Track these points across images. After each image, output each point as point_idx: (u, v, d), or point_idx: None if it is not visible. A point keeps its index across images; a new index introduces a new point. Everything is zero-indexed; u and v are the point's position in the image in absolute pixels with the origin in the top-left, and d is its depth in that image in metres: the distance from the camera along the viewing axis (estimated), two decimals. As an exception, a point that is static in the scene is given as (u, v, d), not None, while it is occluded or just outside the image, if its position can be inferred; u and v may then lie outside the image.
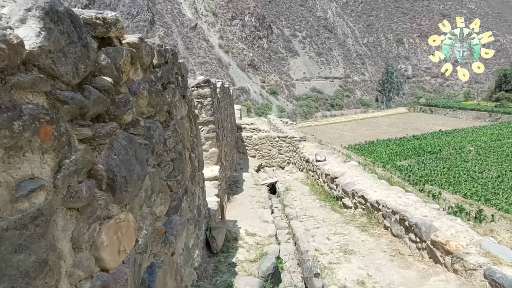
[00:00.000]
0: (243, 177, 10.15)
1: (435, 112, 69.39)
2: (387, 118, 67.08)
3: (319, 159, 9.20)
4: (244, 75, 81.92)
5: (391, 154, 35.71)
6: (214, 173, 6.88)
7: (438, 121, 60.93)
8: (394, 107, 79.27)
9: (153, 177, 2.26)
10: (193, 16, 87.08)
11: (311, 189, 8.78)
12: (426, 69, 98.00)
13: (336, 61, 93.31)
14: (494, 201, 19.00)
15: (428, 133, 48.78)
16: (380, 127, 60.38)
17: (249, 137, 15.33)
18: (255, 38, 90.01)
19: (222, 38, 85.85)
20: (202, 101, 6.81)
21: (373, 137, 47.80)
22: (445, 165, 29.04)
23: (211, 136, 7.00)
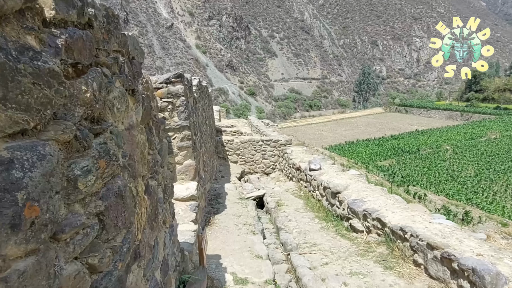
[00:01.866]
0: (225, 189, 8.68)
1: (409, 112, 70.45)
2: (365, 118, 67.35)
3: (313, 167, 7.88)
4: (222, 75, 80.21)
5: (371, 154, 35.48)
6: (190, 192, 5.40)
7: (413, 121, 61.71)
8: (371, 107, 79.97)
9: None
10: (169, 16, 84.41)
11: (306, 203, 7.44)
12: (400, 70, 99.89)
13: (314, 62, 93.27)
14: (475, 200, 18.75)
15: (405, 133, 49.10)
16: (358, 127, 60.41)
17: (230, 141, 13.85)
18: (233, 39, 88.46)
19: (199, 38, 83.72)
20: (173, 101, 5.32)
21: (352, 137, 47.59)
22: (424, 164, 28.89)
23: (185, 145, 5.52)
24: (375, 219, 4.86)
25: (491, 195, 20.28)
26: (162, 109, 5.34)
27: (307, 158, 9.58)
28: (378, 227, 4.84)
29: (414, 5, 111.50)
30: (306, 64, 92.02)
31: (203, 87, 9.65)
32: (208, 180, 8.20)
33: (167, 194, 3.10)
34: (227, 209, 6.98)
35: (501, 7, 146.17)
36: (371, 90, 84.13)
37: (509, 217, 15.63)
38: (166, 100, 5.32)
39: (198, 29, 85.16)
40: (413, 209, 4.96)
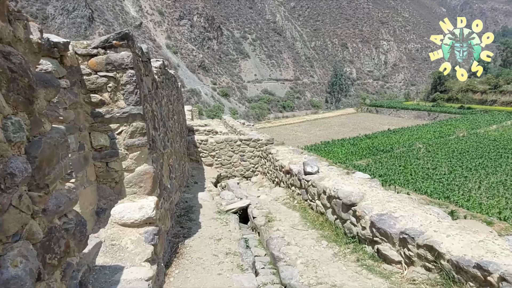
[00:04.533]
0: (199, 200, 6.81)
1: (380, 112, 71.39)
2: (338, 118, 67.39)
3: (309, 170, 6.21)
4: (195, 76, 77.57)
5: (347, 153, 34.96)
6: (146, 212, 3.53)
7: (384, 121, 62.43)
8: (343, 108, 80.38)
9: None
10: (137, 14, 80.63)
11: (304, 216, 5.74)
12: (369, 72, 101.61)
13: (286, 63, 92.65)
14: (452, 197, 18.29)
15: (378, 132, 49.23)
16: (332, 127, 60.17)
17: (204, 141, 11.94)
18: (205, 39, 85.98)
19: (169, 38, 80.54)
20: (116, 76, 3.44)
21: (327, 137, 47.16)
22: (400, 163, 28.49)
23: (138, 142, 3.65)
24: (423, 246, 3.24)
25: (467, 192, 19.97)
26: (98, 89, 3.44)
27: (297, 159, 7.91)
28: (428, 258, 3.22)
29: (381, 10, 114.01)
30: (278, 66, 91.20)
31: (169, 74, 7.73)
32: (176, 189, 6.31)
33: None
34: (202, 229, 5.13)
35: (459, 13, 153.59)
36: (342, 91, 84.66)
37: (488, 214, 15.10)
38: (104, 75, 3.42)
39: (168, 28, 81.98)
40: (472, 229, 3.39)
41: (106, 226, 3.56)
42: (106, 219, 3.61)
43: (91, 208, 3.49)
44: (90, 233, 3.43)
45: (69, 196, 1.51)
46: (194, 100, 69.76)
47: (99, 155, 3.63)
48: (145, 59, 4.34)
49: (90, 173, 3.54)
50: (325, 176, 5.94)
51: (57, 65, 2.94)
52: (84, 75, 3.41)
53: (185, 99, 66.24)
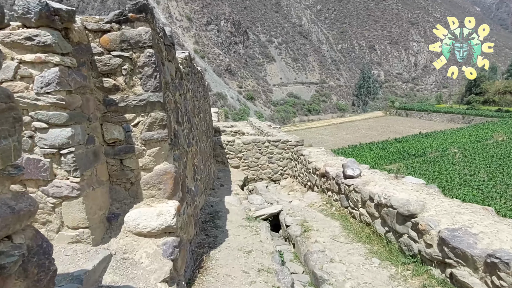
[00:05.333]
0: (225, 204, 6.17)
1: (410, 115, 68.36)
2: (365, 121, 65.07)
3: (351, 174, 5.39)
4: (221, 80, 77.95)
5: (376, 158, 33.26)
6: (165, 220, 2.91)
7: (414, 124, 59.57)
8: (370, 111, 77.72)
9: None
10: (166, 21, 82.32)
11: (345, 226, 4.94)
12: (398, 74, 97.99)
13: (312, 66, 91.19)
14: (493, 206, 16.59)
15: (408, 136, 46.89)
16: (360, 130, 58.09)
17: (231, 142, 11.35)
18: (231, 44, 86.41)
19: (197, 43, 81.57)
20: (132, 56, 2.86)
21: (354, 141, 45.51)
22: (434, 168, 26.61)
23: (157, 136, 3.04)
24: (526, 277, 2.38)
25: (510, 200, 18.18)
26: (111, 71, 2.87)
27: (332, 161, 7.09)
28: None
29: (411, 10, 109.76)
30: (304, 69, 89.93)
31: (195, 69, 7.18)
32: (202, 192, 5.70)
33: None
34: (230, 239, 4.46)
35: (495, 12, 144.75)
36: (370, 94, 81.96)
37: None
38: (118, 54, 2.84)
39: (196, 34, 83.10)
40: None
41: (119, 235, 2.96)
42: (118, 226, 3.02)
43: (101, 213, 2.91)
44: (100, 243, 2.84)
45: (15, 207, 0.87)
46: (220, 104, 70.04)
47: (112, 150, 3.05)
48: (168, 43, 3.76)
49: (101, 171, 2.96)
50: (370, 181, 5.10)
51: (59, 38, 2.38)
52: (95, 54, 2.84)
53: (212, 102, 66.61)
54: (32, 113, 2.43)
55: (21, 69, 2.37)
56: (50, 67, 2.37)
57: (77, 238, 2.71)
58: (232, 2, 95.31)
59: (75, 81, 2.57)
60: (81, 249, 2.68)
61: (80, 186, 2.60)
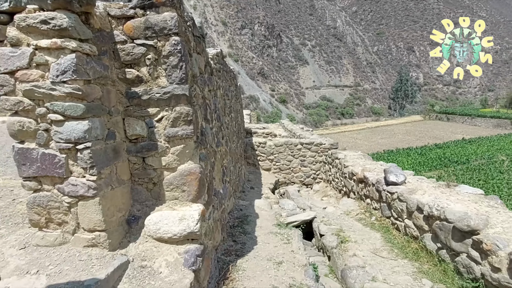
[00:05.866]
0: (255, 208, 5.82)
1: (451, 119, 64.36)
2: (402, 126, 62.11)
3: (394, 180, 4.82)
4: (254, 83, 78.20)
5: (414, 164, 31.43)
6: (188, 225, 2.61)
7: (456, 129, 55.93)
8: (408, 115, 74.12)
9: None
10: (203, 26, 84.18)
11: (387, 238, 4.39)
12: (438, 77, 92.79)
13: (346, 69, 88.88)
14: None
15: (450, 142, 44.03)
16: (396, 135, 55.49)
17: (262, 144, 11.02)
18: (265, 47, 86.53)
19: (231, 47, 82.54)
20: (156, 45, 2.60)
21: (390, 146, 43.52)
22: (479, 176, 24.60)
23: (182, 133, 2.76)
24: None
25: None
26: (135, 61, 2.64)
27: (371, 166, 6.51)
28: None
29: (453, 10, 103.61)
30: (338, 72, 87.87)
31: (227, 67, 6.93)
32: (231, 195, 5.40)
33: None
34: (259, 247, 4.10)
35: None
36: (408, 97, 78.21)
37: None
38: (142, 43, 2.60)
39: (230, 38, 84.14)
40: None
41: (138, 240, 2.70)
42: (139, 230, 2.77)
43: (120, 215, 2.67)
44: (117, 248, 2.59)
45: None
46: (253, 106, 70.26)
47: (134, 147, 2.80)
48: (198, 34, 3.49)
49: (121, 170, 2.72)
50: (417, 189, 4.51)
51: (76, 21, 2.16)
52: (118, 43, 2.61)
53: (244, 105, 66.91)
54: (48, 104, 2.22)
55: (37, 55, 2.17)
56: (66, 54, 2.15)
57: (93, 241, 2.48)
58: (266, 6, 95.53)
59: (94, 70, 2.34)
60: (97, 254, 2.44)
61: (96, 185, 2.36)
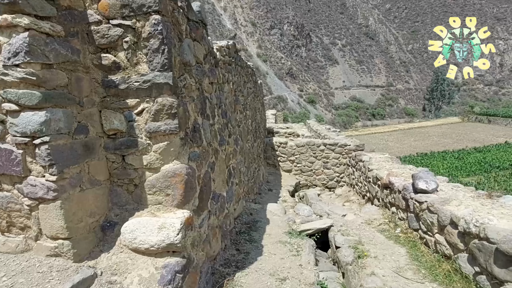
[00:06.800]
0: (267, 213, 5.36)
1: (493, 122, 59.90)
2: (438, 128, 58.62)
3: (424, 187, 4.18)
4: (282, 84, 77.44)
5: (451, 168, 29.30)
6: (167, 237, 2.21)
7: (498, 132, 51.87)
8: (444, 116, 69.99)
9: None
10: (232, 27, 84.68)
11: (413, 256, 3.77)
12: (479, 76, 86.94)
13: (378, 69, 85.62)
14: None
15: (491, 145, 40.87)
16: (431, 137, 52.47)
17: (283, 144, 10.52)
18: (294, 47, 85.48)
19: (260, 47, 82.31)
20: (135, 26, 2.24)
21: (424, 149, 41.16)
22: (524, 183, 22.43)
23: (165, 128, 2.38)
24: None
25: None
26: (111, 45, 2.29)
27: (398, 170, 5.82)
28: None
29: (496, 4, 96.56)
30: (369, 71, 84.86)
31: (242, 62, 6.52)
32: (240, 197, 4.98)
33: None
34: (263, 258, 3.64)
35: None
36: (444, 98, 73.88)
37: None
38: (118, 23, 2.25)
39: (259, 38, 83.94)
40: None
41: (112, 250, 2.35)
42: (114, 238, 2.42)
43: (92, 221, 2.33)
44: (85, 259, 2.25)
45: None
46: (281, 107, 69.60)
47: (112, 143, 2.46)
48: (195, 19, 3.09)
49: (96, 169, 2.39)
50: (451, 198, 3.85)
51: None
52: (92, 24, 2.28)
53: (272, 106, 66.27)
54: (1, 92, 1.93)
55: (-13, 35, 1.88)
56: (19, 33, 1.84)
57: (56, 250, 2.16)
58: (296, 6, 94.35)
59: (57, 53, 2.01)
60: (59, 265, 2.11)
61: (58, 186, 2.03)
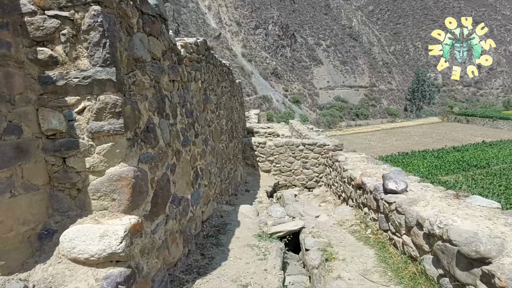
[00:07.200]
0: (238, 215, 5.22)
1: (471, 122, 61.78)
2: (419, 128, 59.98)
3: (393, 187, 4.14)
4: (267, 83, 77.51)
5: (430, 167, 30.02)
6: (108, 245, 2.04)
7: (476, 132, 53.54)
8: (425, 116, 71.69)
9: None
10: (217, 26, 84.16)
11: (381, 257, 3.72)
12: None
13: (362, 69, 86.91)
14: None
15: (469, 145, 42.10)
16: (412, 137, 53.61)
17: (262, 144, 10.41)
18: (278, 47, 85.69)
19: (245, 47, 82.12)
20: (74, 18, 2.05)
21: (406, 148, 41.99)
22: (500, 181, 23.15)
23: (109, 128, 2.21)
24: None
25: None
26: (47, 38, 2.10)
27: (372, 170, 5.81)
28: None
29: (475, 8, 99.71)
30: (353, 72, 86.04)
31: (216, 61, 6.36)
32: (210, 200, 4.83)
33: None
34: (228, 263, 3.51)
35: None
36: (425, 99, 75.69)
37: None
38: (55, 14, 2.07)
39: (244, 38, 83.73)
40: None
41: (49, 260, 2.17)
42: (52, 248, 2.23)
43: (25, 229, 2.13)
44: (17, 271, 2.06)
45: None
46: (265, 107, 69.64)
47: (52, 145, 2.27)
48: (151, 13, 2.92)
49: (33, 172, 2.19)
50: (419, 199, 3.82)
51: None
52: (25, 15, 2.09)
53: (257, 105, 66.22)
54: None
55: None
56: None
57: (-19, 263, 1.96)
58: (280, 6, 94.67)
59: (-23, 46, 1.82)
60: (-17, 279, 1.92)
61: (-21, 192, 1.84)
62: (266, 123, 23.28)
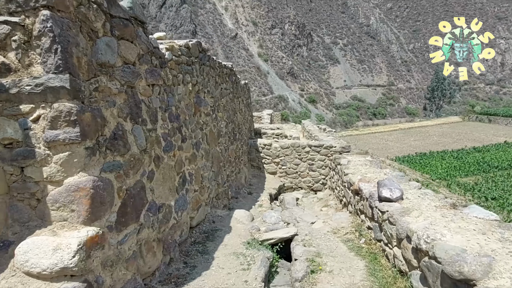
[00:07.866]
0: (231, 221, 5.06)
1: (494, 121, 59.11)
2: (438, 127, 57.92)
3: (387, 195, 3.87)
4: (283, 83, 77.03)
5: (449, 168, 28.89)
6: (61, 259, 1.94)
7: (499, 132, 51.15)
8: (445, 116, 69.17)
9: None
10: (233, 26, 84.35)
11: (371, 270, 3.47)
12: (480, 75, 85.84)
13: (379, 68, 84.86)
14: None
15: (490, 145, 40.33)
16: (431, 137, 51.86)
17: (268, 146, 10.23)
18: (295, 47, 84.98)
19: (261, 47, 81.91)
20: (25, 23, 1.96)
21: (424, 148, 40.74)
22: (522, 183, 21.96)
23: (65, 136, 2.11)
24: None
25: None
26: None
27: (373, 175, 5.52)
28: None
29: (498, 3, 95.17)
30: (371, 71, 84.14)
31: (212, 62, 6.23)
32: (200, 205, 4.70)
33: None
34: (208, 273, 3.36)
35: None
36: (445, 97, 73.01)
37: None
38: (4, 20, 1.97)
39: (260, 38, 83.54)
40: None
41: (3, 273, 2.08)
42: (8, 259, 2.15)
43: (-23, 241, 2.07)
44: (-34, 284, 1.99)
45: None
46: (282, 106, 69.27)
47: (9, 154, 2.19)
48: (122, 15, 2.81)
49: (-12, 183, 2.12)
50: (413, 208, 3.53)
51: None
52: (-25, 22, 2.02)
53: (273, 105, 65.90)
54: None
55: None
56: None
57: None
58: (297, 5, 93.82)
59: None
60: None
61: None
62: (279, 124, 22.99)
